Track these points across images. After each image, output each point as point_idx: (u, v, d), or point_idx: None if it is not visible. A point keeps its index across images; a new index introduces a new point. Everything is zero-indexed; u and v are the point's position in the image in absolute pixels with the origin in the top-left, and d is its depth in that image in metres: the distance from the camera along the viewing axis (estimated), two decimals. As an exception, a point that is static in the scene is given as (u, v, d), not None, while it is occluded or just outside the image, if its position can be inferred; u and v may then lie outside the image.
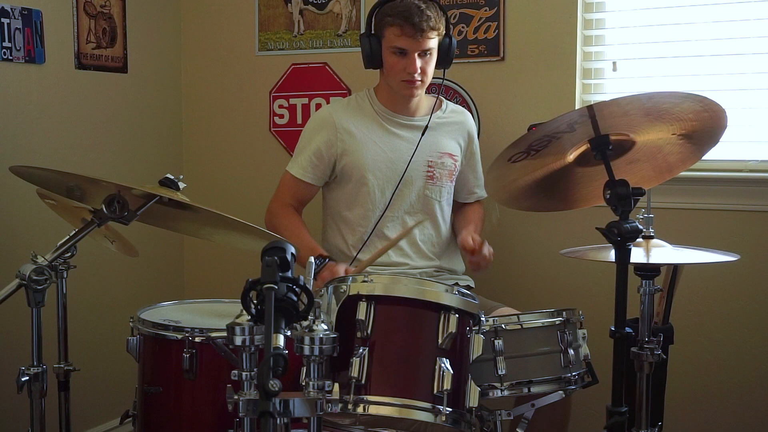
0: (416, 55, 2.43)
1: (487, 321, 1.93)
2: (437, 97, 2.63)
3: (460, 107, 2.75)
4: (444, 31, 2.49)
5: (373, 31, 2.50)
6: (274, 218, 2.60)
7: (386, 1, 2.47)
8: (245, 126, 3.38)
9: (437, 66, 2.52)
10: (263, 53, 3.32)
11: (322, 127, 2.58)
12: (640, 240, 1.99)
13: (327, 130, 2.56)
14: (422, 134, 2.55)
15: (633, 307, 1.87)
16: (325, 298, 1.86)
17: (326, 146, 2.56)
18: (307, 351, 1.58)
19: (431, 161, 2.58)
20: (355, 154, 2.55)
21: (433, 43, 2.45)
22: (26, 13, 2.75)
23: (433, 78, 2.55)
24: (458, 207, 2.75)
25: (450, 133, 2.63)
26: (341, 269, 2.35)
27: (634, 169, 1.98)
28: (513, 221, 2.88)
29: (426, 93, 2.61)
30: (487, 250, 2.45)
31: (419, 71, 2.44)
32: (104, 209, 1.89)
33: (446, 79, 2.74)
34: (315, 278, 2.13)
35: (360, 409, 1.74)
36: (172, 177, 2.00)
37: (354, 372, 1.74)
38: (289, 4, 3.25)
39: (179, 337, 2.02)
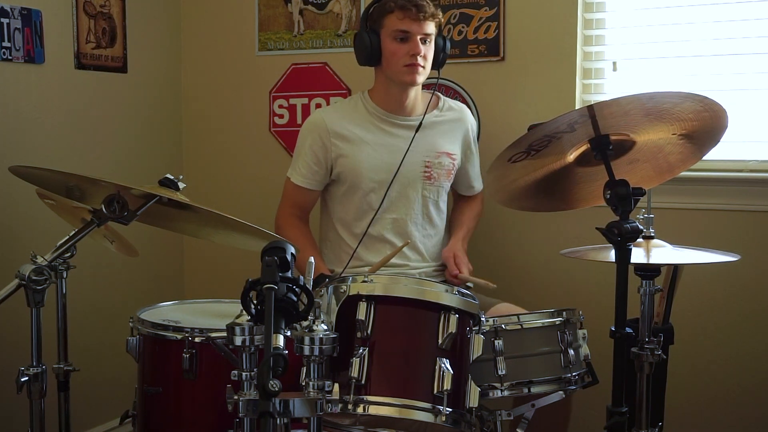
0: (418, 38, 2.45)
1: (487, 321, 1.93)
2: (433, 93, 2.63)
3: (459, 103, 2.74)
4: (441, 23, 2.53)
5: (369, 28, 2.51)
6: (280, 232, 2.60)
7: None
8: (245, 126, 3.38)
9: (431, 66, 2.53)
10: (263, 53, 3.32)
11: (315, 132, 2.57)
12: (640, 240, 1.99)
13: (319, 135, 2.56)
14: (415, 132, 2.54)
15: (633, 307, 1.87)
16: (325, 298, 1.86)
17: (321, 151, 2.56)
18: (307, 351, 1.58)
19: (428, 161, 2.58)
20: (350, 156, 2.55)
21: (432, 29, 2.48)
22: (26, 13, 2.75)
23: (429, 78, 2.55)
24: (456, 200, 2.75)
25: (448, 131, 2.63)
26: None
27: (635, 169, 1.98)
28: (513, 221, 2.88)
29: (422, 89, 2.61)
30: (466, 268, 2.49)
31: (422, 55, 2.47)
32: (104, 209, 1.89)
33: (444, 78, 2.74)
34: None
35: (360, 410, 1.75)
36: (172, 177, 2.00)
37: (354, 372, 1.74)
38: (289, 4, 3.25)
39: (179, 337, 2.02)
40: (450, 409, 1.76)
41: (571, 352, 2.01)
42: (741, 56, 2.68)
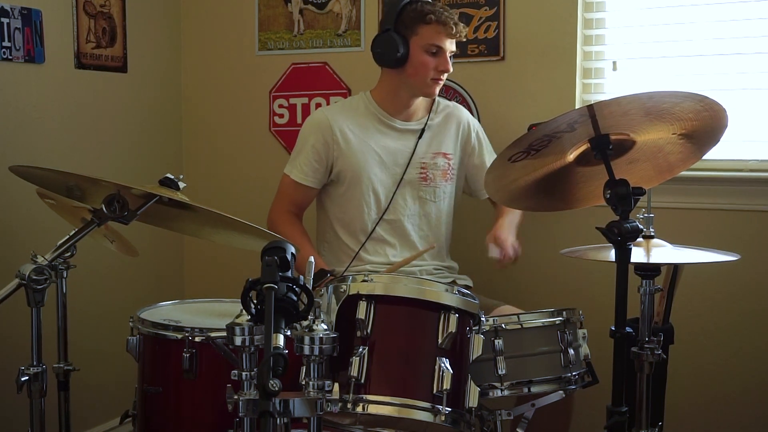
0: (448, 54, 2.47)
1: (487, 321, 1.93)
2: (434, 99, 2.63)
3: (452, 102, 2.76)
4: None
5: (397, 30, 2.48)
6: (274, 228, 2.59)
7: (410, 3, 2.48)
8: (245, 126, 3.38)
9: None
10: (263, 53, 3.32)
11: (318, 130, 2.57)
12: (640, 240, 1.99)
13: (323, 133, 2.56)
14: (418, 139, 2.56)
15: (633, 307, 1.87)
16: (325, 297, 1.86)
17: (324, 149, 2.56)
18: (307, 351, 1.58)
19: (424, 162, 2.58)
20: (351, 156, 2.55)
21: (455, 45, 2.51)
22: (26, 12, 2.75)
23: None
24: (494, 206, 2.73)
25: (442, 131, 2.63)
26: None
27: (635, 169, 1.98)
28: (513, 221, 2.88)
29: None
30: (512, 249, 2.44)
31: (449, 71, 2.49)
32: (104, 209, 1.89)
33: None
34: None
35: (360, 409, 1.75)
36: (172, 177, 2.00)
37: (354, 371, 1.74)
38: (289, 4, 3.25)
39: (179, 337, 2.02)
40: (449, 409, 1.76)
41: (571, 351, 2.01)
42: (741, 56, 2.68)
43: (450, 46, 2.47)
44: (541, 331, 2.01)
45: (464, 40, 2.54)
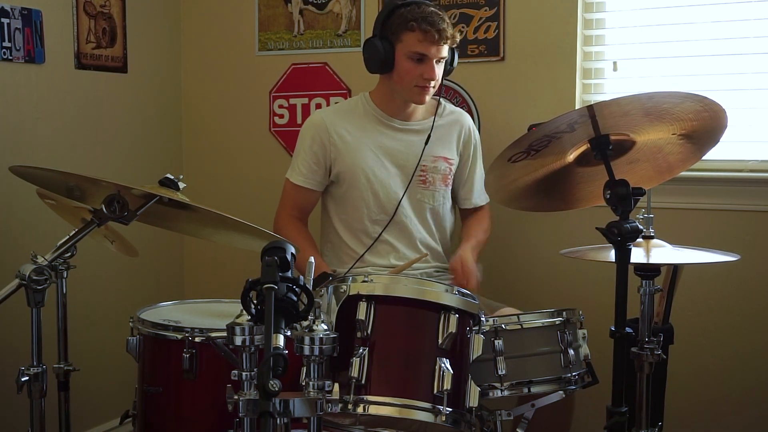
0: (434, 62, 2.43)
1: (487, 321, 1.93)
2: (438, 100, 2.62)
3: (458, 108, 2.75)
4: (456, 42, 2.50)
5: (384, 36, 2.46)
6: (278, 233, 2.58)
7: (399, 6, 2.46)
8: (245, 126, 3.38)
9: None
10: (263, 53, 3.32)
11: (315, 132, 2.57)
12: (640, 240, 1.99)
13: (320, 135, 2.56)
14: (426, 143, 2.54)
15: (633, 307, 1.87)
16: (325, 298, 1.86)
17: (321, 150, 2.55)
18: (307, 351, 1.58)
19: (424, 165, 2.57)
20: (348, 158, 2.54)
21: (447, 51, 2.47)
22: (26, 13, 2.75)
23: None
24: (462, 217, 2.74)
25: (446, 136, 2.62)
26: None
27: (634, 169, 1.98)
28: (513, 221, 2.88)
29: None
30: (474, 279, 2.41)
31: (435, 79, 2.45)
32: (104, 209, 1.89)
33: (444, 79, 2.75)
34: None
35: (360, 409, 1.75)
36: (172, 177, 2.00)
37: (354, 372, 1.74)
38: (289, 4, 3.25)
39: (179, 337, 2.02)
40: (450, 409, 1.76)
41: (571, 352, 2.01)
42: (740, 56, 2.69)
43: (436, 53, 2.42)
44: (541, 331, 2.01)
45: (456, 45, 2.50)
